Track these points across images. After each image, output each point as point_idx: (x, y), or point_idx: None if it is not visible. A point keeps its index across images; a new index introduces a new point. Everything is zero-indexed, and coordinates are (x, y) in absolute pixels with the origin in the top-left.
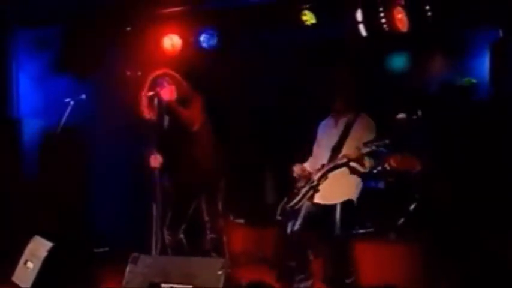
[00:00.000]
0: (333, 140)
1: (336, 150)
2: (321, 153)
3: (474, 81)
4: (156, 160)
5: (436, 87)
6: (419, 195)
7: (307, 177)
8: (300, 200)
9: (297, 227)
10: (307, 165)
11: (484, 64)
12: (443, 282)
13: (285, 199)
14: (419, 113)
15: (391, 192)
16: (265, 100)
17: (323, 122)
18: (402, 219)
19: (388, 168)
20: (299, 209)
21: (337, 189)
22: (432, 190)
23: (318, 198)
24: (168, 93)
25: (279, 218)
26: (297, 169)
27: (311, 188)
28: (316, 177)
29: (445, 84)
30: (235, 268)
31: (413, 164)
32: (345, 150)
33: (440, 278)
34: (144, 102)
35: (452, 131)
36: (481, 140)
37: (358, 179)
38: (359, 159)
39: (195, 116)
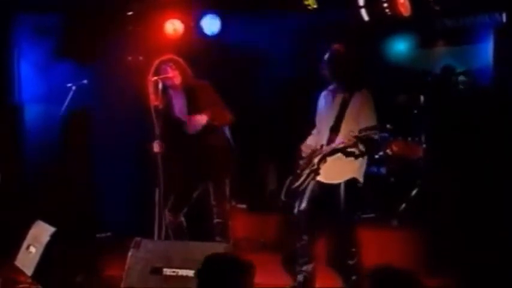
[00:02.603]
0: (331, 117)
1: (333, 130)
2: (322, 130)
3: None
4: (158, 146)
5: (438, 72)
6: (421, 181)
7: (309, 159)
8: (303, 182)
9: (303, 207)
10: (312, 142)
11: (488, 50)
12: (444, 268)
13: (289, 179)
14: (421, 98)
15: (393, 178)
16: (267, 86)
17: (323, 93)
18: (404, 205)
19: (390, 153)
20: (304, 189)
21: (341, 167)
22: (434, 176)
23: (322, 177)
24: (171, 78)
25: (283, 198)
26: (305, 149)
27: (312, 171)
28: (315, 160)
29: (446, 69)
30: (237, 253)
31: (415, 150)
32: (342, 131)
33: (441, 264)
34: (151, 88)
35: (454, 117)
36: (484, 126)
37: (363, 159)
38: (354, 145)
39: (215, 109)
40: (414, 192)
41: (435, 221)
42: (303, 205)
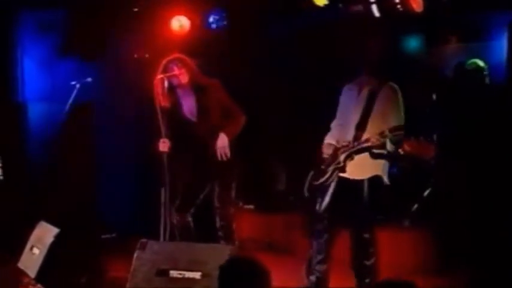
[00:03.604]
0: (357, 111)
1: (360, 127)
2: (347, 125)
3: (481, 64)
4: (164, 144)
5: (451, 70)
6: (433, 181)
7: (334, 155)
8: (328, 178)
9: (325, 203)
10: (332, 139)
11: (501, 47)
12: (456, 269)
13: (311, 174)
14: (434, 96)
15: (405, 178)
16: (277, 84)
17: (347, 87)
18: (415, 206)
19: (402, 153)
20: (327, 186)
21: (365, 164)
22: (446, 176)
23: (346, 173)
24: (178, 77)
25: (306, 194)
26: (326, 149)
27: (337, 168)
28: (342, 157)
29: (459, 67)
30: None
31: (428, 149)
32: (369, 128)
33: (453, 265)
34: (157, 87)
35: (467, 115)
36: (498, 124)
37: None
38: (381, 146)
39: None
40: (426, 192)
41: (447, 222)
42: (325, 201)
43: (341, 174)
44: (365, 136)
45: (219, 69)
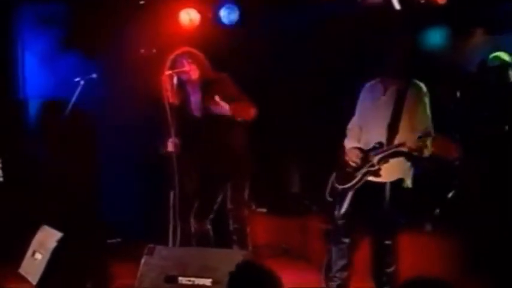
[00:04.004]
0: (384, 111)
1: (392, 128)
2: (372, 126)
3: (507, 58)
4: (173, 144)
5: (475, 66)
6: (458, 182)
7: (364, 158)
8: (357, 182)
9: (344, 208)
10: (353, 141)
11: None
12: (482, 276)
13: (333, 177)
14: (458, 93)
15: (428, 179)
16: (291, 81)
17: (368, 85)
18: (439, 209)
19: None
20: (348, 189)
21: (390, 166)
22: (472, 177)
23: (380, 177)
24: (188, 72)
25: (328, 198)
26: (352, 153)
27: (369, 171)
28: (375, 159)
29: (481, 64)
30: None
31: (452, 149)
32: (401, 130)
33: (479, 272)
34: (166, 84)
35: (493, 113)
36: None
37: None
38: (420, 149)
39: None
40: (450, 194)
41: (472, 226)
42: (345, 206)
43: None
44: (399, 138)
45: (230, 66)
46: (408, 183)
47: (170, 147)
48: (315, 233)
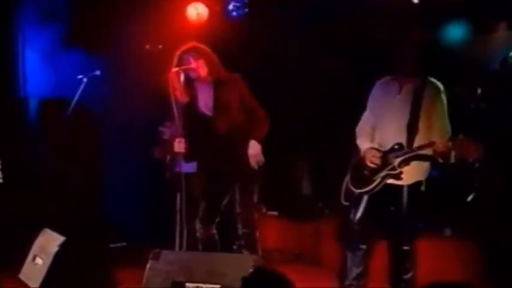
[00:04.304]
0: (400, 111)
1: (411, 129)
2: (389, 127)
3: None
4: (180, 144)
5: (497, 63)
6: (479, 184)
7: (383, 159)
8: (376, 186)
9: (360, 212)
10: (366, 141)
11: None
12: (502, 281)
13: (348, 180)
14: (479, 92)
15: (447, 181)
16: (302, 78)
17: (382, 82)
18: (458, 212)
19: None
20: (365, 193)
21: (410, 168)
22: (493, 179)
23: (401, 180)
24: (195, 69)
25: (344, 202)
26: (370, 156)
27: (389, 175)
28: (396, 162)
29: (505, 60)
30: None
31: (473, 149)
32: (421, 131)
33: (501, 278)
34: (173, 81)
35: None
36: None
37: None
38: (446, 154)
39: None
40: (470, 197)
41: (493, 230)
42: (360, 210)
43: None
44: (418, 140)
45: (239, 62)
46: (423, 183)
47: (177, 147)
48: (328, 238)
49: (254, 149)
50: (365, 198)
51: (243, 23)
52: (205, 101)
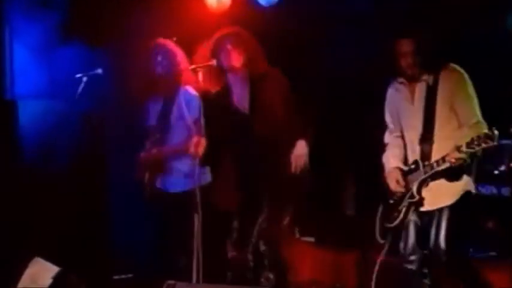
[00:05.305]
0: (414, 122)
1: (425, 141)
2: (407, 136)
3: None
4: (199, 144)
5: None
6: None
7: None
8: (403, 220)
9: (411, 242)
10: (396, 160)
11: None
12: None
13: (380, 212)
14: None
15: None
16: (342, 74)
17: (393, 86)
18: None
19: None
20: (407, 225)
21: (449, 183)
22: None
23: (425, 206)
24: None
25: (380, 240)
26: (391, 182)
27: (411, 203)
28: (414, 188)
29: None
30: None
31: None
32: (437, 140)
33: None
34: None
35: None
36: None
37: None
38: (462, 161)
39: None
40: None
41: None
42: (411, 240)
43: (421, 209)
44: (437, 152)
45: (269, 57)
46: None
47: (195, 147)
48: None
49: (301, 149)
50: (411, 225)
51: (272, 12)
52: (237, 95)
